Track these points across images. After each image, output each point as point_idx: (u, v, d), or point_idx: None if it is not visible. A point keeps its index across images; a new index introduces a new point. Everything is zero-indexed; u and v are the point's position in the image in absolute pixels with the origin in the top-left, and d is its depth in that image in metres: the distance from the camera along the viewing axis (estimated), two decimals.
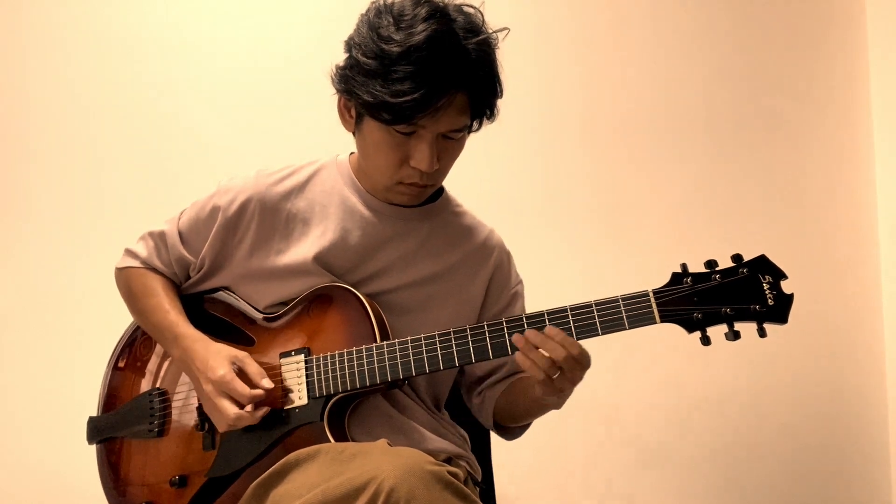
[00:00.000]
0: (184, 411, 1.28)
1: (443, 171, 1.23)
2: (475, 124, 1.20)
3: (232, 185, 1.30)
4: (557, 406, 1.23)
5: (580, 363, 1.10)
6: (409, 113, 1.10)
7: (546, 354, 1.09)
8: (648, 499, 2.15)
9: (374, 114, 1.13)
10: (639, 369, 2.16)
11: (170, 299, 1.31)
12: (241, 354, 1.21)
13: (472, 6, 1.17)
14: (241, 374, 1.19)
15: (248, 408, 1.16)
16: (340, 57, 1.19)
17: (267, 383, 1.18)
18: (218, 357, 1.20)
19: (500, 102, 1.20)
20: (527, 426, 1.37)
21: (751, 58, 2.26)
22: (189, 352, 1.23)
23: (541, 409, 1.28)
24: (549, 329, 1.10)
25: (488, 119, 1.20)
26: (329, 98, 1.24)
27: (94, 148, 2.09)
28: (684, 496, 2.16)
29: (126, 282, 1.38)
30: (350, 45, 1.16)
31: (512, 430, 1.37)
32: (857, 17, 2.28)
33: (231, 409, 1.16)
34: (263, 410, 1.17)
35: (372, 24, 1.13)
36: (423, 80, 1.08)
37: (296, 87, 2.10)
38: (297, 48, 2.12)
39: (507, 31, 1.19)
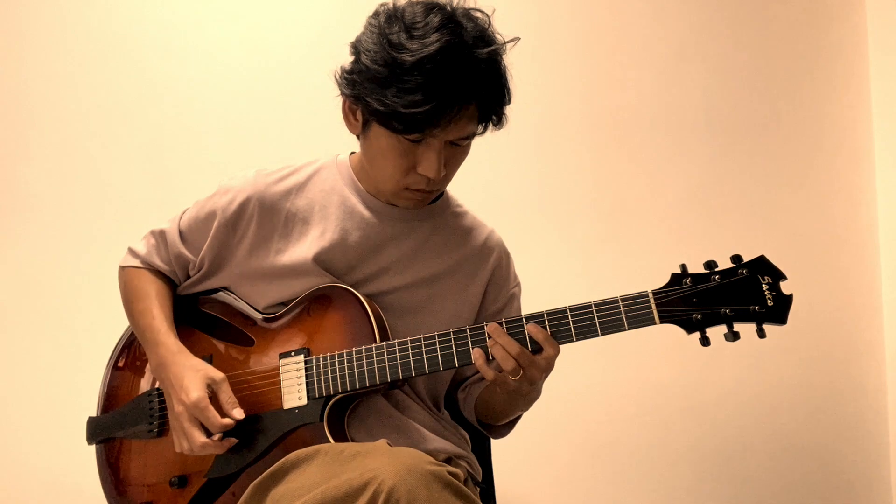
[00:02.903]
0: None
1: (448, 177, 1.23)
2: (480, 128, 1.20)
3: (231, 185, 1.30)
4: (525, 408, 1.28)
5: (541, 367, 1.13)
6: (421, 124, 1.10)
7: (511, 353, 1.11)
8: (648, 499, 2.15)
9: (383, 122, 1.13)
10: (639, 370, 2.16)
11: (159, 305, 1.31)
12: (217, 377, 1.20)
13: (480, 10, 1.16)
14: (213, 398, 1.18)
15: (216, 437, 1.16)
16: (341, 57, 1.19)
17: (238, 413, 1.17)
18: (195, 378, 1.18)
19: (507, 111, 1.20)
20: (509, 426, 1.37)
21: (751, 58, 2.26)
22: (165, 364, 1.22)
23: (511, 409, 1.29)
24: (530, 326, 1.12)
25: (496, 125, 1.20)
26: (329, 98, 1.23)
27: (95, 147, 2.09)
28: (684, 496, 2.16)
29: (125, 281, 1.38)
30: (358, 49, 1.15)
31: (493, 429, 1.37)
32: (857, 17, 2.28)
33: (199, 437, 1.16)
34: (230, 441, 1.17)
35: (382, 30, 1.12)
36: (435, 92, 1.08)
37: (296, 86, 2.10)
38: (298, 48, 2.12)
39: (516, 41, 1.18)
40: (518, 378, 1.12)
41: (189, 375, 1.19)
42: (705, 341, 1.09)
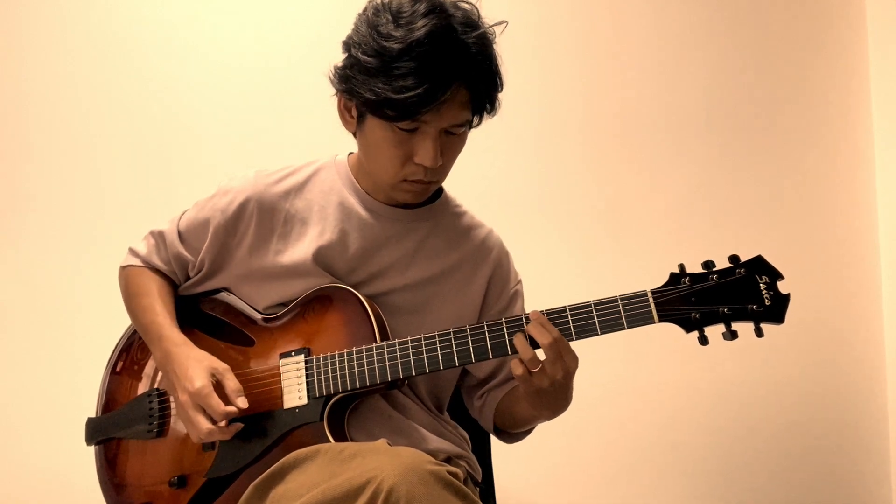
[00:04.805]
0: None
1: (446, 167, 1.23)
2: (476, 119, 1.20)
3: (231, 185, 1.30)
4: (546, 415, 1.23)
5: (563, 359, 1.11)
6: (413, 108, 1.10)
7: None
8: (648, 499, 2.15)
9: (376, 111, 1.13)
10: (637, 369, 2.16)
11: (162, 301, 1.31)
12: (221, 367, 1.20)
13: (468, 2, 1.17)
14: (219, 387, 1.18)
15: (222, 423, 1.16)
16: (340, 58, 1.19)
17: (242, 402, 1.17)
18: (198, 367, 1.19)
19: (500, 97, 1.20)
20: (527, 432, 1.36)
21: (751, 58, 2.26)
22: (169, 356, 1.23)
23: (537, 416, 1.27)
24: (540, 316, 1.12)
25: (489, 113, 1.21)
26: (329, 98, 1.24)
27: (95, 147, 2.09)
28: (684, 496, 2.17)
29: (125, 280, 1.38)
30: (349, 44, 1.17)
31: (512, 435, 1.37)
32: (857, 17, 2.28)
33: (204, 423, 1.15)
34: (236, 427, 1.17)
35: (371, 22, 1.13)
36: (425, 75, 1.09)
37: (296, 87, 2.10)
38: (298, 48, 2.12)
39: (505, 25, 1.19)
40: (553, 370, 1.11)
41: (193, 365, 1.19)
42: (704, 340, 1.10)
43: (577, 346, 1.13)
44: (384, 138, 1.17)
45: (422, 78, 1.08)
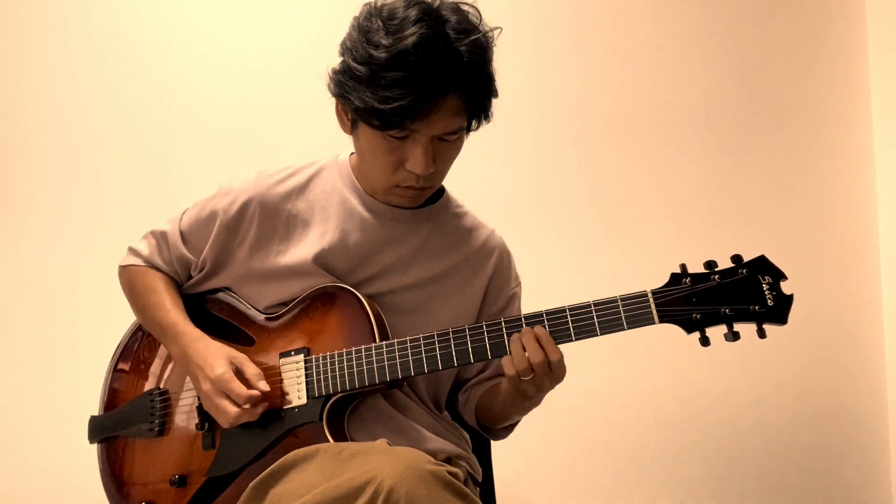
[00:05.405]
0: (184, 411, 1.28)
1: (440, 173, 1.22)
2: (473, 124, 1.19)
3: (232, 185, 1.30)
4: (520, 413, 1.26)
5: (553, 373, 1.12)
6: (398, 119, 1.09)
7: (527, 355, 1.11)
8: (648, 499, 2.15)
9: (365, 119, 1.13)
10: (638, 370, 2.16)
11: (171, 297, 1.32)
12: (240, 356, 1.21)
13: (468, 4, 1.15)
14: (239, 374, 1.19)
15: (247, 406, 1.16)
16: (339, 60, 1.19)
17: (263, 385, 1.18)
18: (217, 356, 1.20)
19: (497, 102, 1.19)
20: (509, 428, 1.36)
21: (751, 57, 2.26)
22: (188, 349, 1.23)
23: (512, 414, 1.28)
24: (539, 330, 1.11)
25: (484, 120, 1.19)
26: (329, 99, 1.23)
27: (95, 147, 2.09)
28: (684, 495, 2.16)
29: (128, 280, 1.38)
30: (343, 49, 1.16)
31: (494, 432, 1.37)
32: (857, 17, 2.28)
33: (231, 407, 1.16)
34: (263, 406, 1.18)
35: (362, 27, 1.12)
36: (411, 86, 1.07)
37: (296, 87, 2.09)
38: (298, 48, 2.12)
39: (499, 31, 1.17)
40: (528, 380, 1.12)
41: (212, 355, 1.20)
42: (705, 341, 1.09)
43: (577, 346, 1.13)
44: (376, 144, 1.16)
45: (408, 89, 1.07)
